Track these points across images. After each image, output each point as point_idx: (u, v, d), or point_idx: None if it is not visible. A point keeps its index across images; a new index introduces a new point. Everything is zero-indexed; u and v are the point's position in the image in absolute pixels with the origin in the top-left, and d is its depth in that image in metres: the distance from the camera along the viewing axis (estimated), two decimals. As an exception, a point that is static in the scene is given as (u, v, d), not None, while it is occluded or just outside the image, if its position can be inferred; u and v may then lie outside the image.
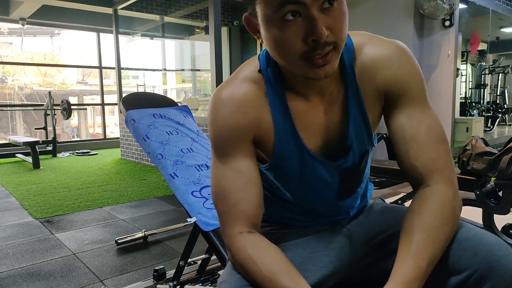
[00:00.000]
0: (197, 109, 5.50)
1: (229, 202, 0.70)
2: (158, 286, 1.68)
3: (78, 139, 9.13)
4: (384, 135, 3.41)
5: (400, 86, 0.71)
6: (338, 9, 0.61)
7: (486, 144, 2.08)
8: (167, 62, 7.91)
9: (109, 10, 5.77)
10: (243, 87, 0.72)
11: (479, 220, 1.72)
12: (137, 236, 2.38)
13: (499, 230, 2.06)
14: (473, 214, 1.76)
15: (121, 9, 5.69)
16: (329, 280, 0.78)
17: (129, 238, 2.36)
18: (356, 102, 0.73)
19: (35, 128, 7.23)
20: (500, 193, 1.95)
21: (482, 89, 5.88)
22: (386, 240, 0.79)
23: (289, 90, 0.73)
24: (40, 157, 5.31)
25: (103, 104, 7.75)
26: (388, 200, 1.07)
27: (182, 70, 8.23)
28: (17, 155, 5.72)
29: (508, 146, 1.94)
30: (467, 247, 0.66)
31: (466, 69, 5.23)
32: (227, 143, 0.71)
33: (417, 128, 0.70)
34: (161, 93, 7.21)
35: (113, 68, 6.03)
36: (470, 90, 6.03)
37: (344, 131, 0.75)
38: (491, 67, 6.14)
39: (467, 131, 5.00)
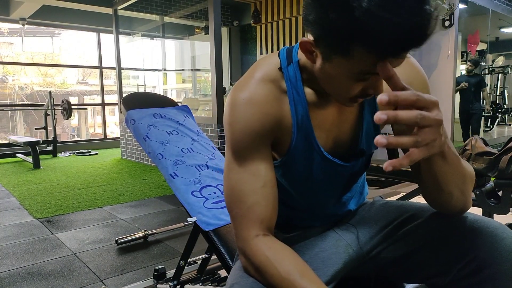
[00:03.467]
0: (197, 109, 5.50)
1: (244, 205, 0.69)
2: (158, 285, 1.68)
3: (79, 139, 9.13)
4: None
5: (415, 88, 0.73)
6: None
7: (486, 144, 2.08)
8: (167, 62, 7.91)
9: (109, 10, 5.77)
10: (262, 87, 0.70)
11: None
12: (137, 235, 2.39)
13: (499, 230, 2.06)
14: (472, 214, 1.76)
15: (121, 9, 5.69)
16: (338, 275, 0.80)
17: (129, 238, 2.36)
18: (371, 107, 0.76)
19: (36, 128, 7.24)
20: (500, 193, 1.95)
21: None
22: (393, 229, 0.80)
23: (308, 86, 0.74)
24: (40, 157, 5.31)
25: (103, 104, 7.75)
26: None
27: (182, 70, 8.23)
28: (17, 155, 5.73)
29: (508, 146, 1.94)
30: (471, 230, 0.69)
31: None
32: (247, 146, 0.69)
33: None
34: (161, 93, 7.21)
35: (114, 68, 6.04)
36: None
37: (356, 134, 0.77)
38: (491, 67, 6.14)
39: (467, 131, 5.01)
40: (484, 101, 5.34)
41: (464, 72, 5.13)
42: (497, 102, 6.38)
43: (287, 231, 0.86)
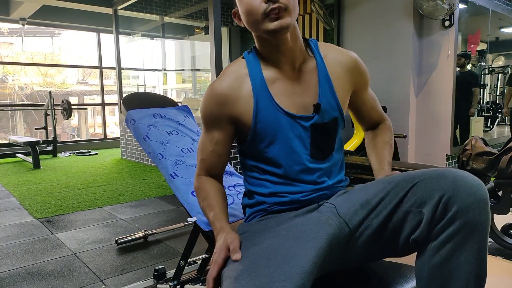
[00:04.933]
0: (197, 109, 5.51)
1: (199, 157, 1.05)
2: (158, 285, 1.69)
3: (79, 139, 9.14)
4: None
5: (365, 78, 1.05)
6: None
7: (486, 144, 2.08)
8: (167, 62, 7.92)
9: (109, 10, 5.78)
10: (226, 77, 0.96)
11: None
12: (137, 235, 2.39)
13: (499, 230, 2.06)
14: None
15: (121, 9, 5.69)
16: (322, 242, 0.79)
17: (129, 238, 2.36)
18: (324, 76, 0.97)
19: (36, 128, 7.24)
20: (500, 193, 1.96)
21: (482, 89, 5.85)
22: (370, 200, 0.84)
23: (265, 64, 0.97)
24: (40, 157, 5.32)
25: (103, 104, 7.76)
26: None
27: (182, 70, 8.24)
28: (17, 155, 5.73)
29: (508, 146, 1.95)
30: (436, 175, 0.78)
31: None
32: (207, 121, 1.00)
33: (374, 100, 1.13)
34: (161, 93, 7.22)
35: (114, 68, 6.04)
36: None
37: (315, 95, 0.96)
38: (491, 67, 6.13)
39: (466, 131, 4.99)
40: (472, 103, 4.81)
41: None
42: (497, 102, 6.37)
43: (276, 216, 0.94)
